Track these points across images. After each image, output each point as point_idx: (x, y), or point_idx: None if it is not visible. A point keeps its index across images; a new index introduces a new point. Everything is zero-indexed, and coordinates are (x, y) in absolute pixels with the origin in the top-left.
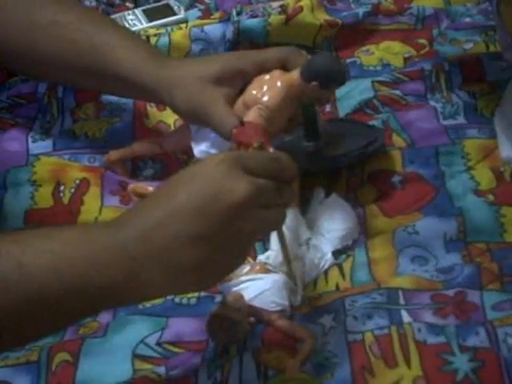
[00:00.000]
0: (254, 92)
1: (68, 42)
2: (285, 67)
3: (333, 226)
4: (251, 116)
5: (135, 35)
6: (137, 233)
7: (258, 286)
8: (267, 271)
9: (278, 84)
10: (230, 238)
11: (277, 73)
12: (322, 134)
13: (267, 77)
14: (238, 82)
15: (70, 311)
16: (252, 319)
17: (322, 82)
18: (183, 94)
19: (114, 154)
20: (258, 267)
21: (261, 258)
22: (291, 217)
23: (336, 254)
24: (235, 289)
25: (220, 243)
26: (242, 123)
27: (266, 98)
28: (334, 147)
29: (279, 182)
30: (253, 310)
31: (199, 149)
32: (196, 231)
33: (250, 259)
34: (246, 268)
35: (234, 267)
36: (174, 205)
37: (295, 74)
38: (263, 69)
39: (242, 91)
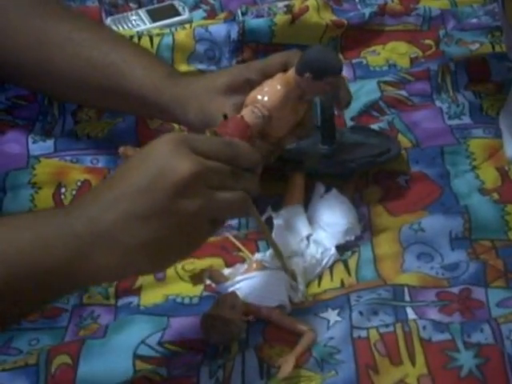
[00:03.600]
0: (255, 94)
1: (84, 60)
2: (287, 70)
3: (334, 220)
4: (243, 113)
5: (151, 53)
6: (86, 214)
7: (254, 283)
8: (264, 268)
9: (276, 83)
10: (176, 216)
11: (278, 75)
12: (338, 138)
13: (269, 80)
14: (246, 91)
15: (20, 297)
16: (251, 317)
17: (314, 72)
18: (195, 107)
19: (130, 151)
20: (254, 265)
21: (257, 256)
22: (290, 213)
23: (341, 250)
24: (232, 288)
25: (166, 222)
26: (225, 117)
27: (265, 98)
28: (346, 153)
29: (236, 167)
30: (249, 308)
31: None
32: (141, 209)
33: (249, 255)
34: (244, 267)
35: (188, 249)
36: (123, 185)
37: (291, 71)
38: (268, 74)
39: None
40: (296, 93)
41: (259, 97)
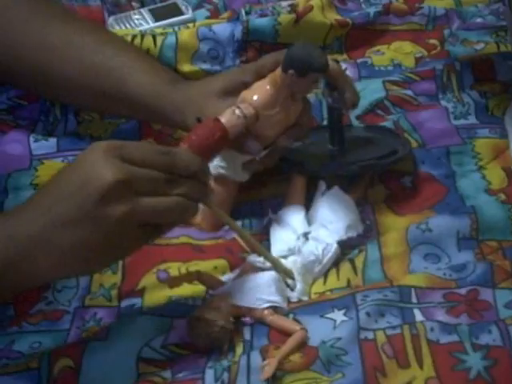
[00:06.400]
0: (244, 93)
1: (85, 64)
2: None
3: (335, 217)
4: (223, 115)
5: (153, 58)
6: (24, 218)
7: (245, 285)
8: (256, 270)
9: (266, 82)
10: (101, 222)
11: (269, 75)
12: (347, 138)
13: (260, 80)
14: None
15: None
16: (248, 319)
17: (297, 69)
18: (193, 111)
19: None
20: (247, 268)
21: (250, 257)
22: (287, 211)
23: (347, 248)
24: (224, 291)
25: (91, 227)
26: (198, 120)
27: (254, 98)
28: (351, 154)
29: (173, 174)
30: (239, 310)
31: (212, 165)
32: (68, 214)
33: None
34: (237, 271)
35: (121, 253)
36: (56, 191)
37: (278, 70)
38: (262, 75)
39: None
40: (285, 91)
41: (248, 96)
